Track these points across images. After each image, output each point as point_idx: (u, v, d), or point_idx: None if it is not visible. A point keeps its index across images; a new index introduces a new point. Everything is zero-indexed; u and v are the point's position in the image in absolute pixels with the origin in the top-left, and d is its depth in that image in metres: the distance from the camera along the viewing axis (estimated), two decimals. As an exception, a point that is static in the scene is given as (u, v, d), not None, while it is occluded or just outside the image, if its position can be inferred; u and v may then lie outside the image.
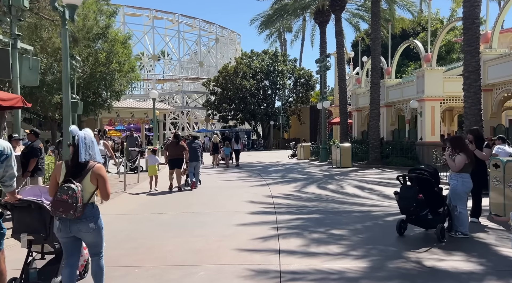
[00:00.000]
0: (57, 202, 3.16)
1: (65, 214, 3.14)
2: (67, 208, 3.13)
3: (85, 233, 3.30)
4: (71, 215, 3.14)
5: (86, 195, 3.26)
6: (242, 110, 39.92)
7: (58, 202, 3.15)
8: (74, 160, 3.31)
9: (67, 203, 3.12)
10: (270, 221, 6.94)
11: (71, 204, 3.12)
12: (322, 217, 7.35)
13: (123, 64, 26.29)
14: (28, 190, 3.93)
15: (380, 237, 5.90)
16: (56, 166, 3.47)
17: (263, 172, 15.85)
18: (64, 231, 3.27)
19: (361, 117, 24.31)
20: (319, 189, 10.85)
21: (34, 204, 3.67)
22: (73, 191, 3.13)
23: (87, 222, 3.27)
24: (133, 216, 7.64)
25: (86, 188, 3.27)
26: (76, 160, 3.30)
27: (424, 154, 16.59)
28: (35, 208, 3.67)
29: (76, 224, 3.24)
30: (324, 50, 23.46)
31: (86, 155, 3.30)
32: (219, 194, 10.36)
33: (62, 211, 3.14)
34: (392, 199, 9.14)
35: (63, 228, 3.25)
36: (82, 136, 3.34)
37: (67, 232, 3.27)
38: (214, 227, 6.54)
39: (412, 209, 5.62)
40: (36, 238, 3.72)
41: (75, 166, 3.30)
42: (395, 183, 12.01)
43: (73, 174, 3.26)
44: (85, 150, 3.31)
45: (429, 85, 16.42)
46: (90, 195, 3.31)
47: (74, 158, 3.32)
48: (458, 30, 30.73)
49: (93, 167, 3.32)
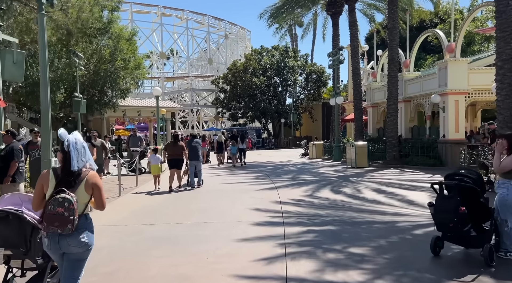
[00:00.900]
0: (50, 215, 2.82)
1: (61, 228, 2.82)
2: (63, 222, 2.81)
3: (75, 248, 2.95)
4: (68, 230, 2.82)
5: (80, 206, 2.94)
6: (252, 108, 38.90)
7: (52, 216, 2.82)
8: (66, 168, 2.99)
9: (62, 216, 2.80)
10: (277, 235, 5.90)
11: (67, 217, 2.80)
12: (338, 229, 6.28)
13: (128, 62, 25.53)
14: (7, 198, 3.47)
15: (411, 258, 4.82)
16: (42, 175, 3.07)
17: (272, 173, 14.80)
18: (54, 249, 2.94)
19: (377, 114, 23.03)
20: (334, 193, 9.76)
21: (12, 214, 3.23)
22: (69, 202, 2.81)
23: (78, 235, 2.93)
24: (121, 227, 6.70)
25: (80, 198, 2.95)
26: (68, 168, 2.97)
27: (447, 153, 15.31)
28: (14, 219, 3.24)
29: (65, 238, 2.90)
30: (337, 43, 22.25)
31: (79, 162, 3.00)
32: (221, 199, 9.36)
33: (58, 226, 2.82)
34: (418, 206, 8.02)
35: (53, 245, 2.92)
36: (72, 141, 3.01)
37: (57, 249, 2.94)
38: (211, 243, 5.55)
39: (453, 225, 4.52)
40: (14, 253, 3.31)
41: (67, 174, 2.97)
42: (418, 186, 10.88)
43: (65, 183, 2.94)
44: (77, 156, 3.00)
45: (453, 77, 15.10)
46: (84, 206, 3.00)
47: (66, 166, 2.99)
48: (480, 21, 29.12)
49: (87, 174, 3.02)
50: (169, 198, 9.70)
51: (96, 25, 17.81)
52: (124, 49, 24.88)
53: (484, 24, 29.28)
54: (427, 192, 9.63)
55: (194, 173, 11.27)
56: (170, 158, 10.82)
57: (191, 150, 11.29)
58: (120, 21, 27.49)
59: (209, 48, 54.38)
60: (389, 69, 16.80)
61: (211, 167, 18.32)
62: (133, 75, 26.37)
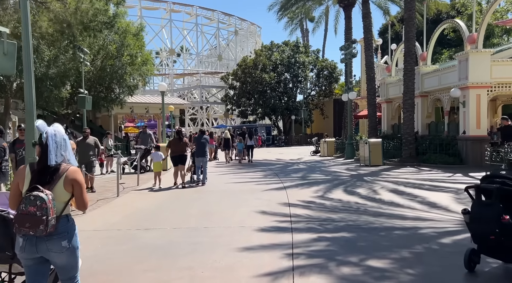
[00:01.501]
0: (21, 215, 2.51)
1: (33, 230, 2.50)
2: (35, 223, 2.49)
3: (56, 253, 2.62)
4: (41, 231, 2.49)
5: (58, 205, 2.62)
6: (262, 105, 38.17)
7: (23, 216, 2.51)
8: (42, 162, 2.68)
9: (34, 216, 2.48)
10: (283, 244, 5.22)
11: (40, 217, 2.48)
12: (353, 236, 5.56)
13: (135, 57, 25.06)
14: None
15: (441, 275, 4.08)
16: (18, 171, 2.79)
17: (281, 172, 14.09)
18: (29, 251, 2.60)
19: (392, 110, 22.09)
20: (347, 194, 9.01)
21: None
22: (42, 200, 2.50)
23: (59, 240, 2.61)
24: (113, 232, 6.09)
25: (58, 196, 2.62)
26: (44, 162, 2.67)
27: (468, 150, 14.38)
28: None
29: (45, 241, 2.58)
30: (350, 36, 21.38)
31: (57, 156, 2.69)
32: (225, 200, 8.71)
33: (29, 227, 2.50)
34: (441, 209, 7.24)
35: (28, 247, 2.59)
36: (51, 133, 2.71)
37: (33, 252, 2.60)
38: (209, 253, 4.89)
39: (494, 237, 3.76)
40: (1, 257, 3.07)
41: (44, 170, 2.66)
42: (439, 186, 10.04)
43: (40, 180, 2.62)
44: (55, 150, 2.68)
45: (474, 70, 14.13)
46: (63, 205, 2.68)
47: (42, 160, 2.69)
48: (499, 12, 27.83)
49: (67, 170, 2.69)
50: (169, 198, 9.09)
51: (101, 19, 17.28)
52: (131, 44, 24.40)
53: (504, 16, 28.01)
54: (450, 193, 8.83)
55: (200, 169, 11.17)
56: (174, 155, 10.63)
57: (199, 146, 11.13)
58: (127, 16, 27.03)
59: (219, 45, 53.77)
60: (406, 62, 15.89)
61: (218, 165, 17.73)
62: (140, 71, 25.89)
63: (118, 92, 25.74)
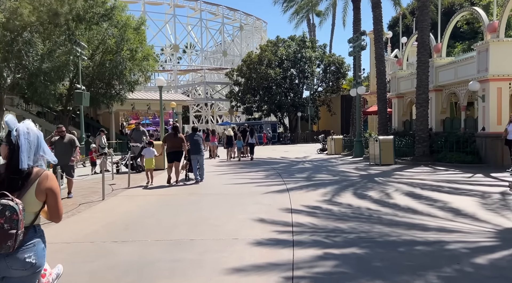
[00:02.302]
0: None
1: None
2: (2, 238, 2.02)
3: (18, 271, 2.12)
4: (7, 248, 2.04)
5: (28, 216, 2.18)
6: (267, 102, 37.23)
7: None
8: (12, 165, 2.21)
9: (2, 229, 2.02)
10: (282, 263, 4.30)
11: (7, 230, 2.02)
12: (367, 253, 4.62)
13: (135, 52, 24.27)
14: None
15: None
16: None
17: (285, 171, 13.17)
18: None
19: (403, 105, 21.00)
20: (357, 198, 8.06)
21: None
22: (12, 211, 2.04)
23: (23, 254, 2.12)
24: (84, 246, 5.23)
25: (29, 206, 2.18)
26: (14, 165, 2.19)
27: (487, 148, 13.30)
28: None
29: (4, 258, 2.09)
30: (358, 28, 20.34)
31: (30, 159, 2.23)
32: (220, 205, 7.81)
33: None
34: (468, 216, 6.24)
35: None
36: (23, 131, 2.24)
37: None
38: (190, 276, 4.00)
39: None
40: None
41: (13, 174, 2.19)
42: (460, 189, 8.97)
43: (9, 186, 2.17)
44: (28, 150, 2.22)
45: (495, 61, 13.03)
46: (33, 216, 2.24)
47: (12, 163, 2.21)
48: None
49: (40, 175, 2.25)
50: (159, 202, 8.22)
51: (97, 10, 16.46)
52: (131, 39, 23.59)
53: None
54: (474, 197, 7.83)
55: (197, 168, 10.84)
56: (169, 151, 10.56)
57: (193, 144, 10.81)
58: (128, 10, 26.22)
59: (224, 40, 52.82)
60: (419, 53, 14.82)
61: (219, 163, 16.88)
62: (141, 66, 25.10)
63: (118, 89, 25.00)
